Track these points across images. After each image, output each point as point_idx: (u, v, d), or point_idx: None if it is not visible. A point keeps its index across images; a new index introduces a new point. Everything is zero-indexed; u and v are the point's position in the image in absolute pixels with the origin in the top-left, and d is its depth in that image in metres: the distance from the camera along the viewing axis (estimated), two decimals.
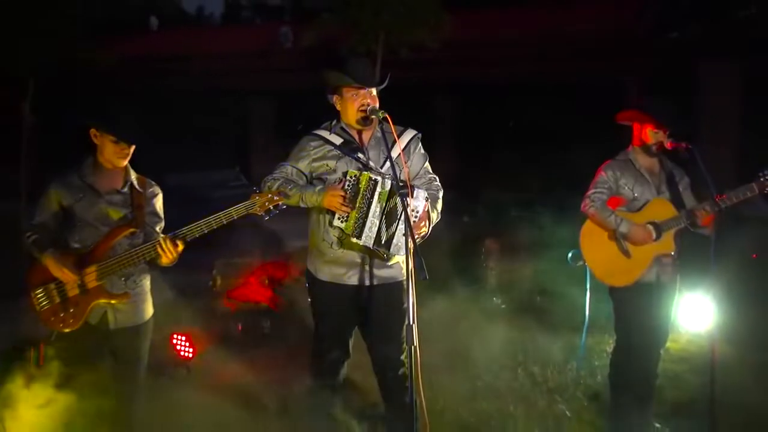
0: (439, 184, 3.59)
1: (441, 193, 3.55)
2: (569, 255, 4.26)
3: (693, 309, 4.78)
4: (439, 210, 3.49)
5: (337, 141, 3.49)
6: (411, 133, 3.58)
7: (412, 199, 3.26)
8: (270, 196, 3.12)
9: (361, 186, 3.29)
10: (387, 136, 3.34)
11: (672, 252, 3.85)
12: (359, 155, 3.45)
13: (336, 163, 3.45)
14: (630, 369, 3.94)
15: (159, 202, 3.42)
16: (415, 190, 3.30)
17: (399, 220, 3.23)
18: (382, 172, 3.39)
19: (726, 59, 12.99)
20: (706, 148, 3.88)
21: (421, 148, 3.62)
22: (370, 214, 3.28)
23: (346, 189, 3.28)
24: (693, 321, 4.91)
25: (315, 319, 3.69)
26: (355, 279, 3.47)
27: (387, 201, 3.28)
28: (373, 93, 3.45)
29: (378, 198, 3.28)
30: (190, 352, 5.01)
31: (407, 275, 2.90)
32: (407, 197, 3.21)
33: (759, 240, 7.60)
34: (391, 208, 3.27)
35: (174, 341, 4.99)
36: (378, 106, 3.42)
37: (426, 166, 3.60)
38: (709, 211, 3.65)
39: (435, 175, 3.62)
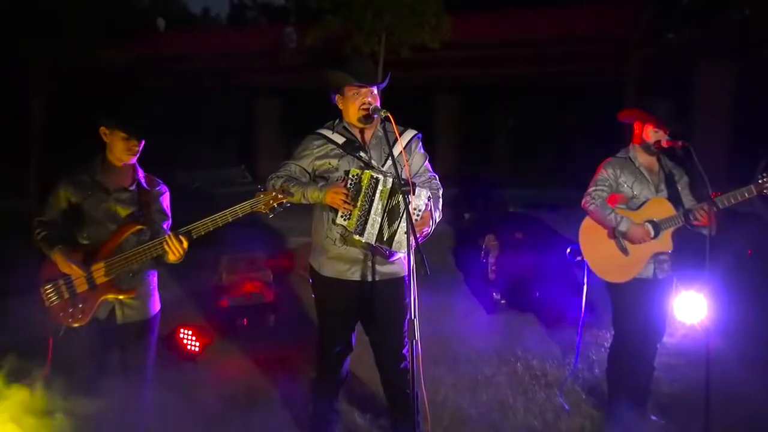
0: (439, 183, 3.58)
1: (441, 192, 3.54)
2: (568, 250, 4.25)
3: (689, 304, 4.77)
4: (441, 208, 3.48)
5: (340, 140, 3.48)
6: (412, 133, 3.57)
7: (414, 198, 3.26)
8: (274, 194, 3.11)
9: (363, 184, 3.28)
10: (389, 135, 3.34)
11: (670, 250, 3.85)
12: (361, 154, 3.44)
13: (338, 162, 3.44)
14: (627, 362, 3.94)
15: (166, 199, 3.41)
16: (418, 189, 3.29)
17: (401, 218, 3.23)
18: (383, 170, 3.39)
19: (720, 60, 12.99)
20: (699, 146, 3.86)
21: (422, 147, 3.61)
22: (372, 211, 3.27)
23: (348, 187, 3.27)
24: (689, 315, 4.90)
25: (318, 314, 3.69)
26: (358, 275, 3.46)
27: (389, 199, 3.27)
28: (375, 92, 3.44)
29: (380, 196, 3.27)
30: (196, 346, 5.01)
31: (409, 271, 2.90)
32: (409, 194, 3.21)
33: (754, 237, 7.59)
34: (394, 206, 3.27)
35: (181, 335, 4.99)
36: (380, 105, 3.41)
37: (426, 165, 3.60)
38: (707, 211, 3.63)
39: (435, 174, 3.61)
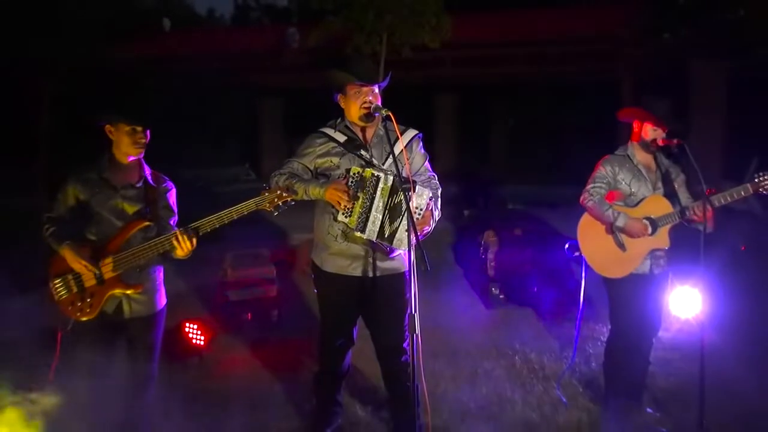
0: (438, 182, 3.58)
1: (440, 191, 3.53)
2: (566, 246, 4.24)
3: (684, 299, 4.77)
4: (440, 207, 3.47)
5: (341, 138, 3.48)
6: (413, 132, 3.57)
7: (415, 197, 3.26)
8: (279, 193, 3.10)
9: (365, 182, 3.28)
10: (390, 134, 3.33)
11: (666, 247, 3.84)
12: (362, 152, 3.44)
13: (340, 160, 3.44)
14: (624, 356, 3.94)
15: (172, 196, 3.41)
16: (420, 188, 3.30)
17: (402, 216, 3.22)
18: (384, 168, 3.39)
19: (715, 59, 12.97)
20: (695, 144, 3.86)
21: (422, 147, 3.61)
22: (373, 209, 3.28)
23: (349, 185, 3.27)
24: (684, 310, 4.90)
25: (320, 309, 3.70)
26: (359, 270, 3.46)
27: (390, 197, 3.27)
28: (376, 91, 3.44)
29: (380, 193, 3.27)
30: (201, 339, 5.01)
31: (409, 267, 2.90)
32: (409, 191, 3.21)
33: (748, 233, 7.59)
34: (395, 204, 3.27)
35: (186, 329, 4.99)
36: (381, 104, 3.41)
37: (426, 165, 3.59)
38: (702, 209, 3.62)
39: (434, 174, 3.60)
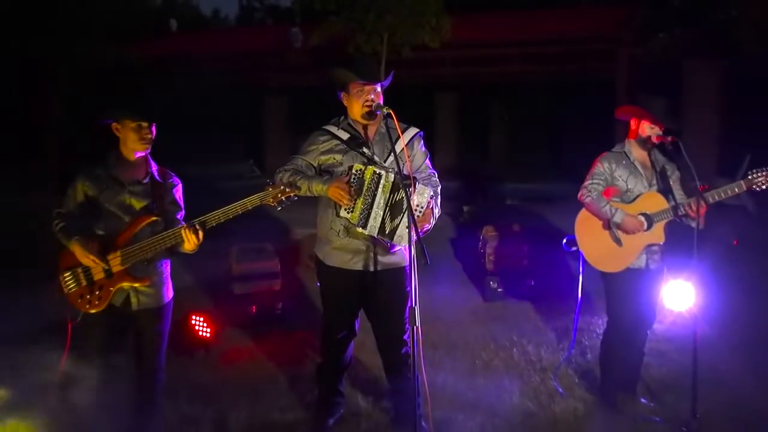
0: (438, 180, 3.58)
1: (439, 188, 3.53)
2: (564, 241, 4.25)
3: (677, 292, 4.76)
4: (439, 204, 3.48)
5: (344, 136, 3.49)
6: (414, 131, 3.57)
7: (416, 195, 3.26)
8: (282, 188, 3.11)
9: (366, 179, 3.29)
10: (391, 131, 3.33)
11: (662, 242, 3.85)
12: (364, 150, 3.45)
13: (342, 157, 3.45)
14: (619, 348, 3.95)
15: (179, 191, 3.41)
16: (421, 186, 3.30)
17: (404, 213, 3.23)
18: (385, 166, 3.40)
19: (709, 59, 12.94)
20: (689, 141, 3.86)
21: (423, 145, 3.62)
22: (374, 205, 3.29)
23: (351, 183, 3.28)
24: (677, 303, 4.88)
25: (323, 302, 3.71)
26: (361, 265, 3.47)
27: (391, 193, 3.28)
28: (378, 90, 3.45)
29: (382, 190, 3.28)
30: (207, 331, 5.02)
31: (410, 261, 2.91)
32: (410, 188, 3.21)
33: (740, 228, 7.58)
34: (396, 201, 3.28)
35: (193, 322, 5.00)
36: (382, 102, 3.41)
37: (426, 162, 3.60)
38: (696, 206, 3.62)
39: (434, 171, 3.61)
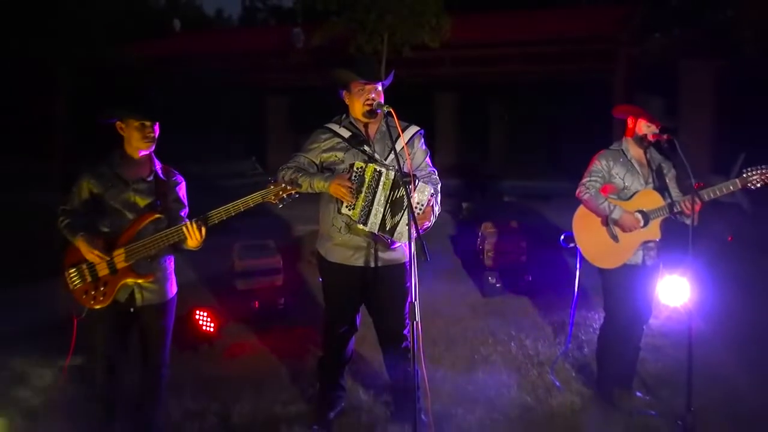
0: (438, 177, 3.58)
1: (439, 186, 3.53)
2: (562, 237, 4.25)
3: (673, 288, 4.76)
4: (439, 202, 3.47)
5: (346, 134, 3.49)
6: (414, 129, 3.57)
7: (417, 193, 3.26)
8: (283, 185, 3.11)
9: (367, 177, 3.29)
10: (392, 130, 3.33)
11: (658, 239, 3.85)
12: (365, 148, 3.45)
13: (344, 155, 3.45)
14: (615, 343, 3.95)
15: (182, 189, 3.41)
16: (421, 184, 3.30)
17: (404, 211, 3.23)
18: (386, 163, 3.39)
19: (705, 59, 12.93)
20: (684, 139, 3.87)
21: (423, 144, 3.61)
22: (375, 202, 3.28)
23: (352, 180, 3.28)
24: (673, 299, 4.89)
25: (325, 297, 3.71)
26: (361, 261, 3.47)
27: (391, 191, 3.28)
28: (379, 89, 3.45)
29: (382, 188, 3.28)
30: (211, 326, 5.02)
31: (410, 257, 2.91)
32: (410, 185, 3.21)
33: (734, 225, 7.59)
34: (397, 198, 3.28)
35: (197, 317, 5.00)
36: (383, 101, 3.41)
37: (426, 160, 3.59)
38: (691, 203, 3.62)
39: (434, 169, 3.61)
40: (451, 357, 4.79)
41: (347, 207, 3.31)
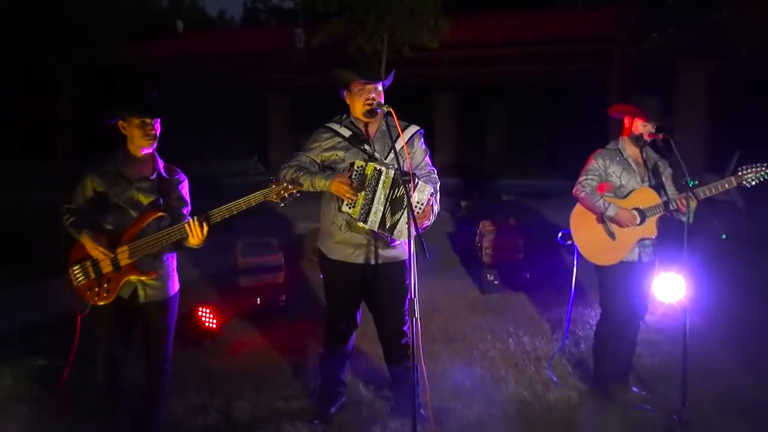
0: (437, 176, 3.58)
1: (438, 185, 3.53)
2: (559, 234, 4.24)
3: (668, 284, 4.76)
4: (438, 200, 3.47)
5: (346, 133, 3.49)
6: (414, 129, 3.57)
7: (417, 192, 3.26)
8: (285, 185, 3.10)
9: (367, 175, 3.29)
10: (392, 129, 3.33)
11: (654, 236, 3.84)
12: (366, 147, 3.45)
13: (344, 154, 3.45)
14: (612, 339, 3.95)
15: (185, 187, 3.40)
16: (422, 184, 3.30)
17: (404, 209, 3.23)
18: (386, 162, 3.39)
19: (700, 59, 12.91)
20: (680, 138, 3.86)
21: (423, 143, 3.61)
22: (375, 200, 3.28)
23: (352, 178, 3.28)
24: (668, 295, 4.89)
25: (326, 294, 3.71)
26: (362, 258, 3.47)
27: (391, 189, 3.28)
28: (379, 88, 3.44)
29: (382, 186, 3.28)
30: (214, 323, 5.02)
31: (409, 255, 2.91)
32: (409, 184, 3.21)
33: (729, 223, 7.59)
34: (397, 197, 3.28)
35: (200, 313, 5.00)
36: (383, 101, 3.40)
37: (426, 160, 3.59)
38: (685, 201, 3.62)
39: (434, 168, 3.60)
40: (450, 353, 4.79)
41: (348, 205, 3.31)
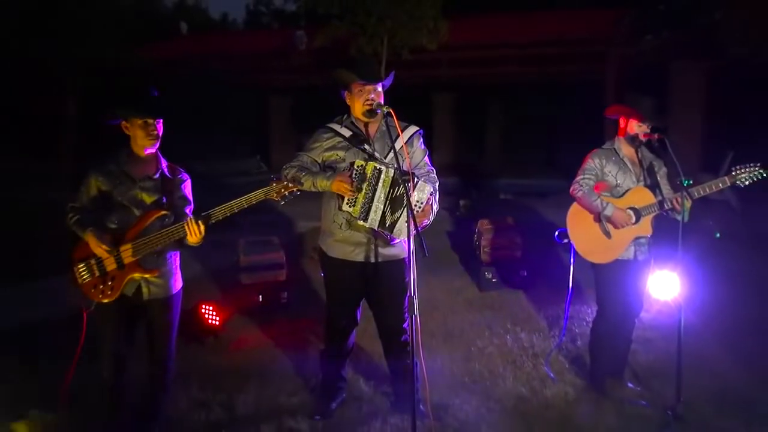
0: (436, 176, 3.57)
1: (437, 184, 3.52)
2: (556, 233, 4.23)
3: (663, 282, 4.76)
4: (438, 200, 3.47)
5: (347, 133, 3.49)
6: (413, 129, 3.57)
7: (417, 191, 3.26)
8: (285, 183, 3.11)
9: (367, 174, 3.29)
10: (391, 129, 3.33)
11: (649, 234, 3.84)
12: (366, 146, 3.45)
13: (345, 153, 3.45)
14: (608, 335, 3.95)
15: (188, 186, 3.40)
16: (421, 183, 3.30)
17: (404, 208, 3.22)
18: (386, 162, 3.39)
19: (694, 59, 12.90)
20: (674, 138, 3.86)
21: (422, 143, 3.61)
22: (375, 199, 3.28)
23: (353, 178, 3.27)
24: (663, 293, 4.88)
25: (327, 292, 3.71)
26: (362, 256, 3.47)
27: (391, 188, 3.28)
28: (378, 89, 3.44)
29: (382, 185, 3.28)
30: (216, 320, 5.02)
31: (409, 253, 2.90)
32: (409, 183, 3.21)
33: (723, 222, 7.59)
34: (397, 196, 3.28)
35: (202, 310, 5.00)
36: (383, 102, 3.40)
37: (425, 159, 3.59)
38: (680, 200, 3.62)
39: (433, 168, 3.60)
40: (449, 349, 4.79)
41: (348, 204, 3.31)
